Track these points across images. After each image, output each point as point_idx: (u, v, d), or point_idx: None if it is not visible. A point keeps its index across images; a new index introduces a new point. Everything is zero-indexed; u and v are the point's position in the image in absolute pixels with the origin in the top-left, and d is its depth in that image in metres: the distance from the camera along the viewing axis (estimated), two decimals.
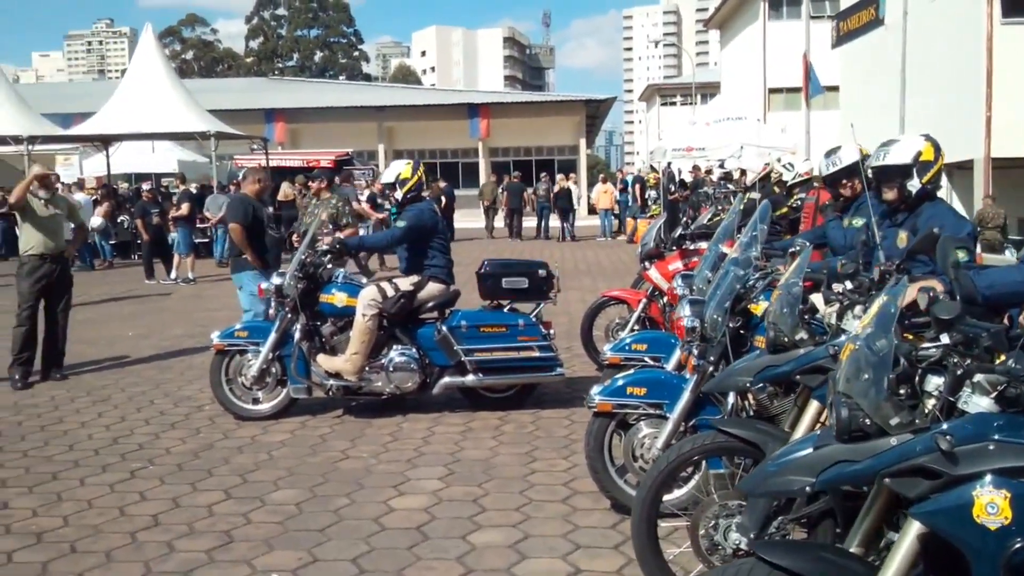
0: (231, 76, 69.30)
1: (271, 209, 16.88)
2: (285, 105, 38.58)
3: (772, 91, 35.34)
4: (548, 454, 5.60)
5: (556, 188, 25.00)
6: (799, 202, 7.70)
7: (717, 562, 3.25)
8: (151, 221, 16.23)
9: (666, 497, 3.84)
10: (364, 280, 6.71)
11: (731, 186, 18.77)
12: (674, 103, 65.30)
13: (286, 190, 20.85)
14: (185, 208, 16.64)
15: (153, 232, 16.20)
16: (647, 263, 7.95)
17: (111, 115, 20.79)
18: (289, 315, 6.41)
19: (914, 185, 4.30)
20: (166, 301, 9.90)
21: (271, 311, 6.58)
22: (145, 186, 18.40)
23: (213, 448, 5.88)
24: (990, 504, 2.06)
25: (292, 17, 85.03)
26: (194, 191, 18.84)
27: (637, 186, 25.44)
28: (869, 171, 4.74)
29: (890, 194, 4.38)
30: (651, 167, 28.23)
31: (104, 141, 21.99)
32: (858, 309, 3.36)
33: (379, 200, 17.75)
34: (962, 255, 3.66)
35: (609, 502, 4.56)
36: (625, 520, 4.25)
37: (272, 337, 6.39)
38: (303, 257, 6.50)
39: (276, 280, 6.47)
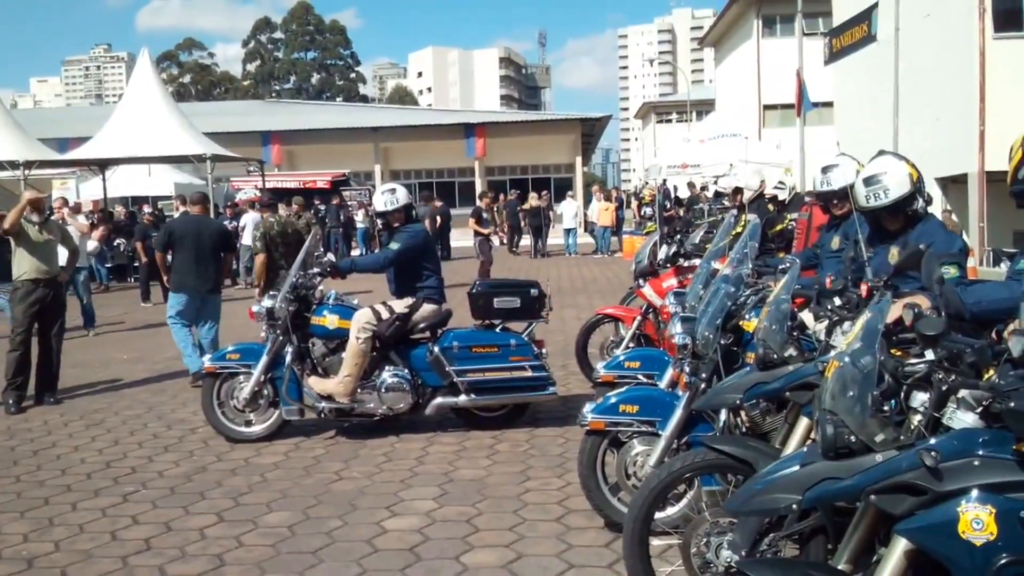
0: (228, 99, 69.54)
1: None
2: (281, 127, 38.72)
3: (767, 107, 35.46)
4: (542, 473, 5.58)
5: (527, 206, 25.64)
6: (793, 224, 7.71)
7: None
8: (151, 244, 16.21)
9: (659, 515, 3.83)
10: (355, 302, 6.70)
11: (725, 202, 18.80)
12: (670, 120, 65.55)
13: (282, 212, 20.84)
14: None
15: (151, 255, 16.17)
16: (641, 280, 7.97)
17: (107, 139, 20.90)
18: (280, 337, 6.40)
19: (920, 207, 4.30)
20: (161, 324, 9.92)
21: (262, 334, 6.54)
22: (146, 209, 18.43)
23: (206, 471, 5.85)
24: (975, 520, 2.05)
25: (289, 40, 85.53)
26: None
27: (635, 202, 25.58)
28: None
29: (893, 225, 4.37)
30: (645, 183, 28.39)
31: (101, 165, 22.06)
32: (847, 325, 3.36)
33: (484, 215, 17.96)
34: (953, 271, 3.66)
35: (603, 520, 4.54)
36: (619, 538, 4.21)
37: (264, 359, 6.38)
38: (294, 279, 6.50)
39: (267, 303, 6.46)
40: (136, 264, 17.46)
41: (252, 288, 17.15)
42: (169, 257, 8.63)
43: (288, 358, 6.40)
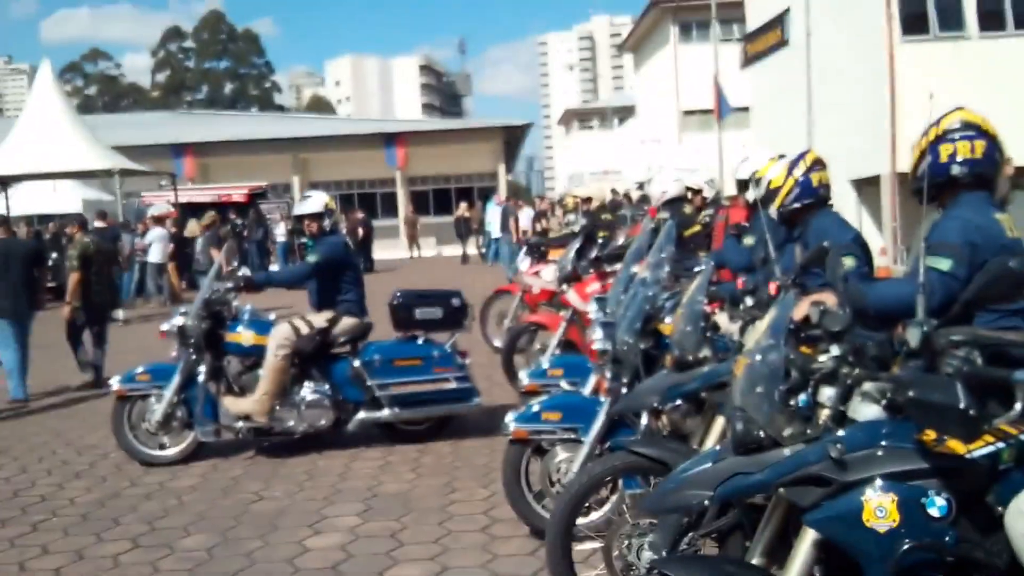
0: (137, 111, 67.81)
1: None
2: (194, 139, 37.75)
3: (686, 113, 36.10)
4: (468, 484, 5.54)
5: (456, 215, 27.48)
6: (708, 218, 7.84)
7: None
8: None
9: (583, 520, 3.83)
10: (272, 317, 6.56)
11: (647, 207, 19.06)
12: (591, 127, 66.21)
13: (191, 227, 20.42)
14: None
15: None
16: (565, 286, 8.00)
17: (8, 155, 20.08)
18: (193, 355, 6.23)
19: (772, 212, 4.47)
20: (68, 347, 9.62)
21: (173, 353, 6.34)
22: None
23: (120, 496, 5.66)
24: (879, 508, 2.10)
25: (200, 49, 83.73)
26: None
27: (559, 210, 25.77)
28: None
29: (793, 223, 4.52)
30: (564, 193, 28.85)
31: (1, 182, 21.24)
32: (759, 324, 3.40)
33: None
34: (849, 262, 3.76)
35: (528, 529, 4.52)
36: (544, 546, 4.21)
37: (176, 379, 6.19)
38: (207, 295, 6.34)
39: (178, 320, 6.27)
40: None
41: (163, 307, 16.77)
42: None
43: (202, 377, 6.23)
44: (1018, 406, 1.99)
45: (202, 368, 6.24)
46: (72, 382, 9.44)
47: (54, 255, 16.15)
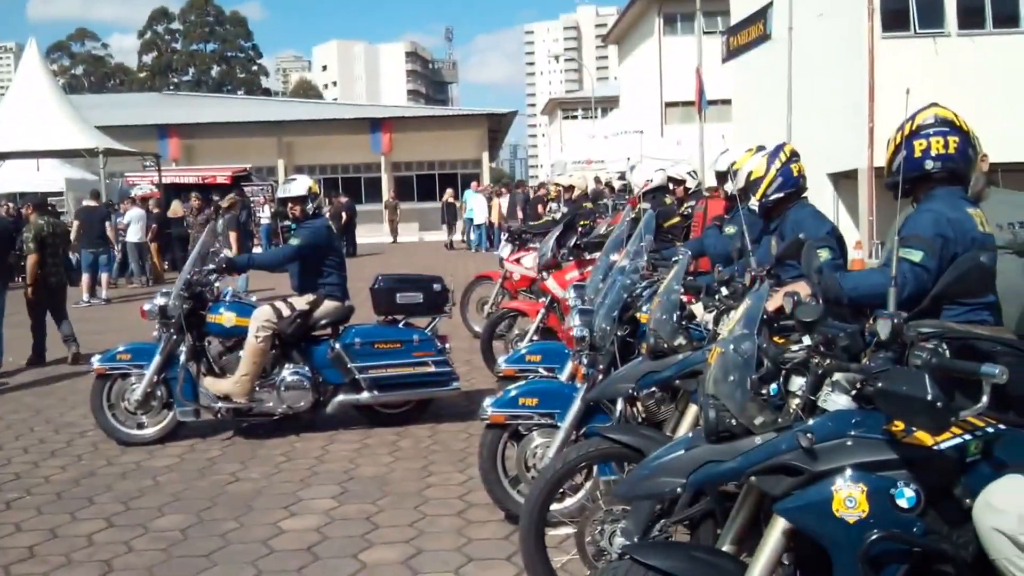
0: (124, 92, 67.08)
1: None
2: (179, 120, 37.54)
3: (669, 105, 36.14)
4: (444, 468, 5.56)
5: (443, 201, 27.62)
6: (689, 210, 7.88)
7: None
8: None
9: (558, 506, 3.86)
10: (253, 299, 6.55)
11: (628, 197, 19.10)
12: (575, 117, 66.10)
13: (176, 207, 20.31)
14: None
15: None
16: (545, 273, 8.03)
17: None
18: (174, 336, 6.21)
19: (753, 204, 4.52)
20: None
21: (154, 333, 6.33)
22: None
23: (95, 475, 5.64)
24: (848, 498, 2.12)
25: (187, 31, 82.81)
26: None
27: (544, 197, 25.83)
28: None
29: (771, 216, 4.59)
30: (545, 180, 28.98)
31: None
32: (733, 314, 3.44)
33: None
34: (824, 254, 3.81)
35: (503, 513, 4.55)
36: (518, 530, 4.24)
37: (156, 359, 6.18)
38: (189, 276, 6.32)
39: (160, 300, 6.25)
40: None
41: (145, 287, 16.67)
42: None
43: (183, 357, 6.22)
44: (984, 399, 2.02)
45: (183, 348, 6.23)
46: (48, 359, 9.40)
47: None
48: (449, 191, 28.57)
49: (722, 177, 6.16)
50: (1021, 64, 15.85)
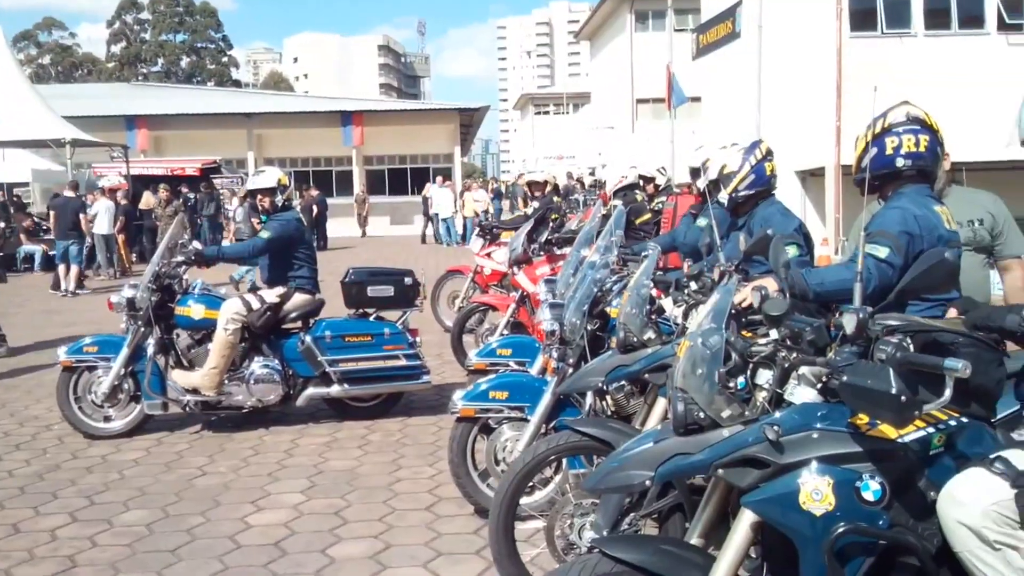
0: (91, 82, 66.04)
1: None
2: (148, 111, 37.03)
3: (640, 101, 36.27)
4: (414, 462, 5.56)
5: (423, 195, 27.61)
6: (659, 206, 7.94)
7: None
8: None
9: (528, 500, 3.87)
10: (223, 291, 6.49)
11: (599, 192, 19.18)
12: (547, 112, 66.17)
13: (147, 199, 20.08)
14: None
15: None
16: (515, 268, 8.04)
17: None
18: (142, 328, 6.14)
19: (723, 197, 4.58)
20: (15, 317, 9.37)
21: (122, 325, 6.26)
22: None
23: (60, 469, 5.57)
24: (815, 491, 2.14)
25: (156, 21, 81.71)
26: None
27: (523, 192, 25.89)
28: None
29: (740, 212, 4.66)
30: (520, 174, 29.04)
31: None
32: (702, 308, 3.47)
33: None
34: (792, 251, 3.86)
35: (473, 507, 4.56)
36: (488, 524, 4.25)
37: (124, 352, 6.11)
38: (157, 268, 6.25)
39: (128, 292, 6.18)
40: None
41: (113, 279, 16.47)
42: None
43: (150, 350, 6.15)
44: (947, 392, 2.05)
45: (151, 341, 6.16)
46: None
47: None
48: (428, 185, 28.45)
49: (695, 173, 6.20)
50: (985, 64, 16.13)
